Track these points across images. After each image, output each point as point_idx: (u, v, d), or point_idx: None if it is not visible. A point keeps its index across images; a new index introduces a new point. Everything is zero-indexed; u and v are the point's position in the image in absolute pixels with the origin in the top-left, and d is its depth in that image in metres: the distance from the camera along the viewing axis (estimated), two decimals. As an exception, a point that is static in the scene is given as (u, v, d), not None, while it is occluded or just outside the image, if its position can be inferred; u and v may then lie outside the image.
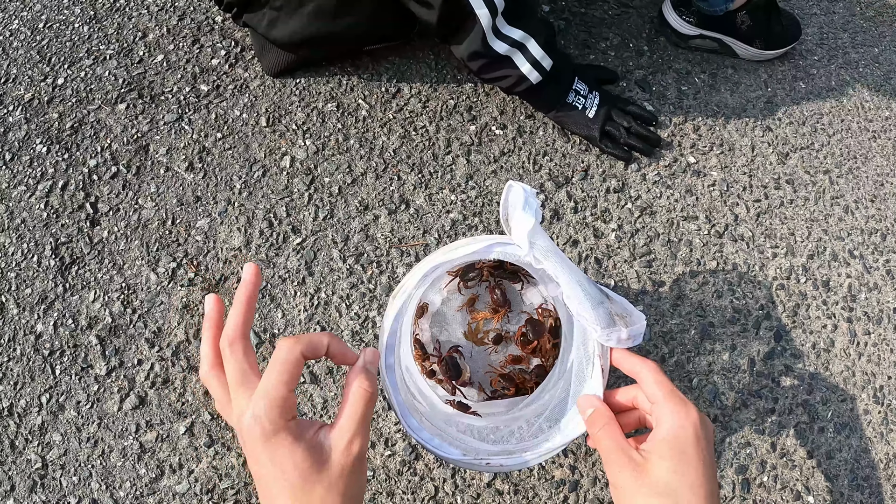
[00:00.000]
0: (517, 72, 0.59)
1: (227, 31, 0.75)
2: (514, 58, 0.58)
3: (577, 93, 0.64)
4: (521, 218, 0.32)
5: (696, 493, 0.30)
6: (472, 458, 0.35)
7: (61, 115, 0.71)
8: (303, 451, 0.27)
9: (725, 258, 0.63)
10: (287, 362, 0.28)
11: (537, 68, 0.59)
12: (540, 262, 0.33)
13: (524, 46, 0.58)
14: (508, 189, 0.35)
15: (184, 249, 0.61)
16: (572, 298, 0.32)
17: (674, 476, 0.30)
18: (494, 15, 0.54)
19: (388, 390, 0.34)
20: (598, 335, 0.33)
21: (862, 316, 0.62)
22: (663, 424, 0.31)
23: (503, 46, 0.57)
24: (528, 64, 0.59)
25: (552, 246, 0.33)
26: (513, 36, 0.57)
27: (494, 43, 0.57)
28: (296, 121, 0.68)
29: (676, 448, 0.31)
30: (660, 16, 0.77)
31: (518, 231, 0.32)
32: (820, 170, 0.71)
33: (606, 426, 0.33)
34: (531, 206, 0.33)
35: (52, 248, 0.63)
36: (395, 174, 0.65)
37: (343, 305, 0.58)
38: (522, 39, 0.58)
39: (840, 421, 0.57)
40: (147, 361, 0.57)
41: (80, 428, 0.54)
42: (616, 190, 0.66)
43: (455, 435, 0.38)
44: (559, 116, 0.65)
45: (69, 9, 0.80)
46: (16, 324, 0.59)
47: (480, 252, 0.34)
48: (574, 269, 0.33)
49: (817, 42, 0.82)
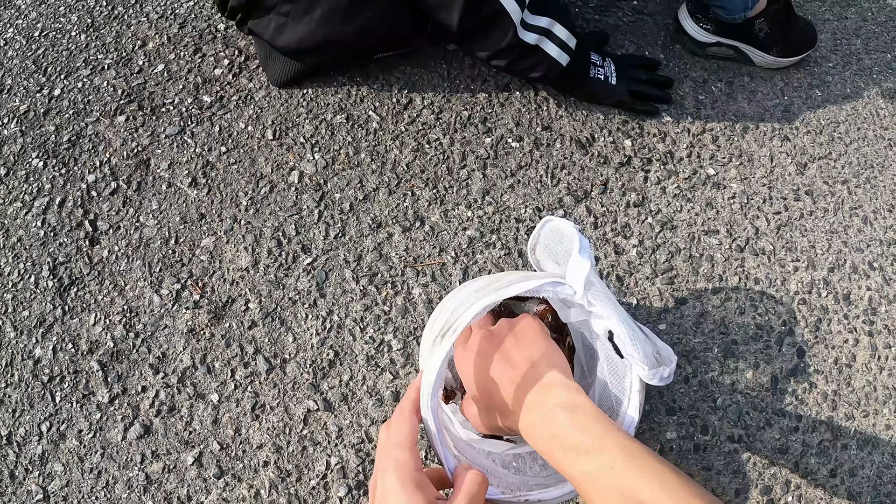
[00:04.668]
0: (548, 58, 0.59)
1: (231, 40, 0.73)
2: (542, 45, 0.58)
3: (595, 65, 0.66)
4: (577, 262, 0.31)
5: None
6: (510, 497, 0.34)
7: (58, 128, 0.68)
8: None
9: (747, 273, 0.62)
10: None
11: (565, 50, 0.59)
12: (592, 304, 0.32)
13: (550, 32, 0.58)
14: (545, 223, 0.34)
15: (188, 270, 0.59)
16: (624, 340, 0.31)
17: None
18: (523, 8, 0.54)
19: (431, 434, 0.32)
20: (644, 374, 0.32)
21: (882, 329, 0.61)
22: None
23: (533, 37, 0.57)
24: (557, 48, 0.59)
25: (603, 287, 0.33)
26: (540, 24, 0.57)
27: (525, 35, 0.56)
28: (303, 134, 0.66)
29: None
30: (675, 23, 0.75)
31: (575, 275, 0.31)
32: (838, 180, 0.70)
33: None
34: (586, 249, 0.32)
35: (49, 269, 0.60)
36: (409, 189, 0.63)
37: (357, 329, 0.56)
38: (549, 25, 0.58)
39: (862, 437, 0.56)
40: (152, 388, 0.55)
41: (82, 458, 0.52)
42: (636, 204, 0.64)
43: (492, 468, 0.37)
44: (588, 93, 0.67)
45: (66, 17, 0.77)
46: (13, 348, 0.57)
47: (533, 291, 0.33)
48: (621, 310, 0.32)
49: (831, 48, 0.81)
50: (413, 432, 0.33)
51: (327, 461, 0.51)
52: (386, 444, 0.32)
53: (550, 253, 0.37)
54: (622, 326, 0.31)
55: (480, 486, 0.31)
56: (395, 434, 0.33)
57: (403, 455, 0.31)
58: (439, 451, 0.33)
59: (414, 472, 0.30)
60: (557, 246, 0.36)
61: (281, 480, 0.51)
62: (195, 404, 0.54)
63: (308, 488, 0.50)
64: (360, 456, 0.51)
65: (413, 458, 0.31)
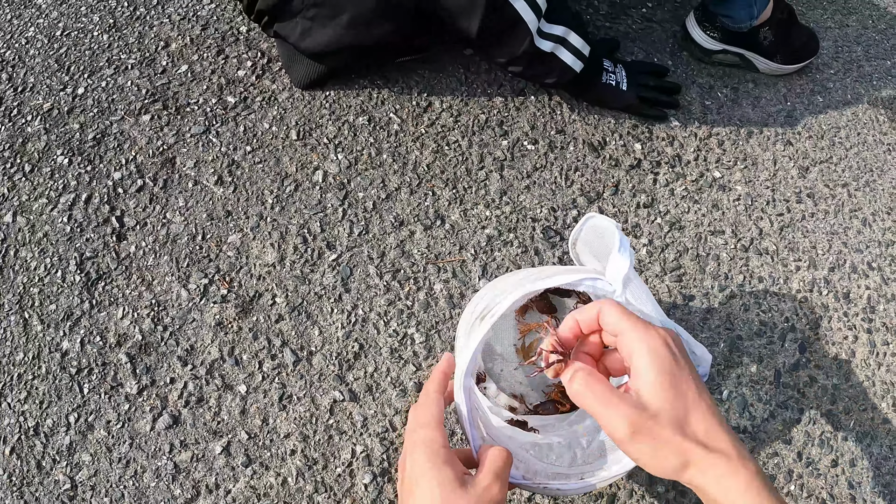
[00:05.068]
0: (562, 64, 0.61)
1: (253, 42, 0.74)
2: (557, 53, 0.60)
3: (607, 71, 0.68)
4: (617, 260, 0.33)
5: (699, 408, 0.29)
6: (531, 482, 0.36)
7: (83, 126, 0.70)
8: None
9: (751, 272, 0.65)
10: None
11: (579, 57, 0.62)
12: (630, 303, 0.34)
13: (566, 40, 0.60)
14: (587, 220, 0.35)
15: (215, 265, 0.61)
16: None
17: (674, 401, 0.29)
18: (539, 17, 0.56)
19: (461, 414, 0.34)
20: None
21: (881, 327, 0.64)
22: (637, 354, 0.29)
23: (548, 44, 0.59)
24: (572, 55, 0.61)
25: (643, 286, 0.34)
26: (555, 32, 0.59)
27: (541, 43, 0.59)
28: (327, 134, 0.68)
29: (663, 371, 0.29)
30: (683, 30, 0.78)
31: (615, 272, 0.33)
32: (839, 183, 0.72)
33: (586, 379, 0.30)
34: (626, 247, 0.34)
35: (76, 264, 0.62)
36: (430, 189, 0.65)
37: (381, 322, 0.58)
38: (564, 34, 0.60)
39: (861, 430, 0.59)
40: (180, 380, 0.56)
41: (110, 448, 0.53)
42: (646, 205, 0.67)
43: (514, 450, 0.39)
44: (599, 97, 0.69)
45: (87, 17, 0.79)
46: (40, 341, 0.58)
47: (573, 283, 0.34)
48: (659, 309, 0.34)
49: (833, 55, 0.84)
50: (439, 412, 0.34)
51: (353, 450, 0.53)
52: (414, 425, 0.34)
53: (591, 248, 0.38)
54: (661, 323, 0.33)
55: (505, 462, 0.33)
56: (421, 414, 0.34)
57: (431, 433, 0.33)
58: (467, 430, 0.35)
59: (441, 449, 0.32)
60: (597, 242, 0.38)
61: (308, 468, 0.52)
62: (223, 395, 0.55)
63: (334, 476, 0.52)
64: (385, 444, 0.53)
65: (440, 435, 0.33)
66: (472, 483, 0.31)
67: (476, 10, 0.54)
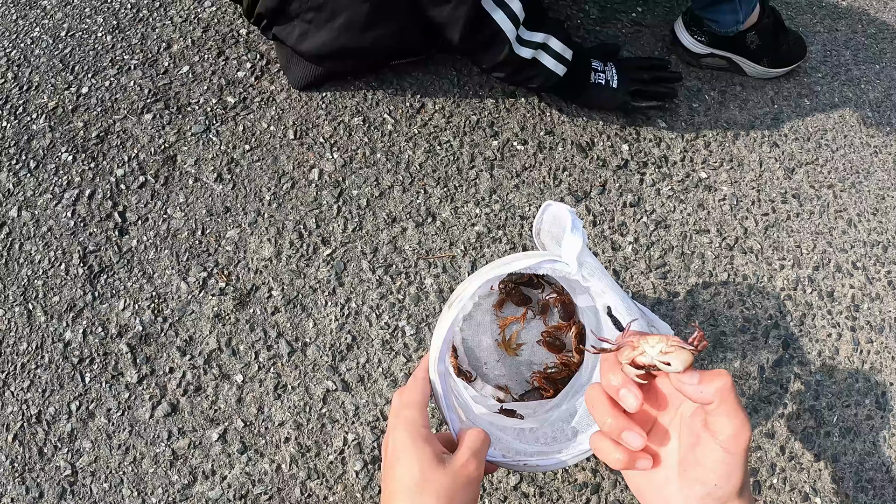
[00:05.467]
0: (545, 70, 0.62)
1: (252, 44, 0.77)
2: (539, 58, 0.62)
3: (596, 70, 0.68)
4: (570, 239, 0.35)
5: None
6: (510, 460, 0.38)
7: (86, 124, 0.72)
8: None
9: (736, 270, 0.66)
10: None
11: (561, 61, 0.63)
12: (587, 280, 0.35)
13: (546, 46, 0.62)
14: (546, 208, 0.37)
15: (214, 259, 0.63)
16: (620, 311, 0.35)
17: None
18: (517, 26, 0.57)
19: (438, 397, 0.36)
20: None
21: (865, 325, 0.65)
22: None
23: (528, 52, 0.61)
24: (553, 60, 0.62)
25: (598, 265, 0.36)
26: (535, 40, 0.61)
27: (520, 50, 0.60)
28: (323, 134, 0.70)
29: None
30: (672, 34, 0.80)
31: (568, 251, 0.35)
32: (824, 184, 0.74)
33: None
34: (578, 228, 0.35)
35: (80, 257, 0.63)
36: (422, 187, 0.67)
37: (373, 315, 0.60)
38: (544, 40, 0.61)
39: (845, 426, 0.60)
40: (179, 370, 0.58)
41: (110, 435, 0.55)
42: (632, 204, 0.68)
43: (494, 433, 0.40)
44: (588, 100, 0.69)
45: (91, 18, 0.81)
46: (43, 331, 0.60)
47: (532, 267, 0.36)
48: (616, 286, 0.36)
49: (821, 59, 0.86)
50: (424, 395, 0.36)
51: (345, 437, 0.55)
52: (398, 406, 0.36)
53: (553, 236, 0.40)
54: (617, 298, 0.35)
55: (483, 442, 0.34)
56: (406, 396, 0.36)
57: (414, 413, 0.34)
58: (445, 414, 0.36)
59: (423, 429, 0.34)
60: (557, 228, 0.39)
61: (301, 455, 0.54)
62: (220, 384, 0.57)
63: (326, 463, 0.54)
64: (376, 433, 0.55)
65: (422, 416, 0.34)
66: (451, 461, 0.33)
67: (458, 20, 0.56)
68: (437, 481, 0.31)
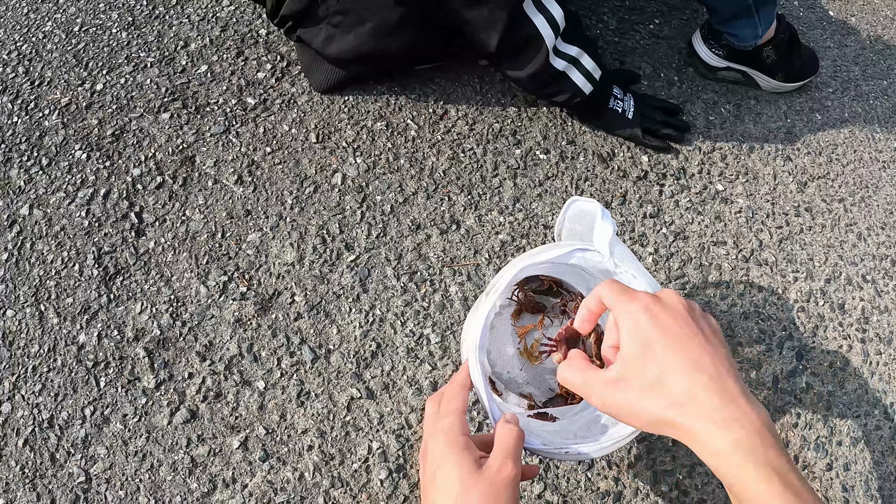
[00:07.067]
0: (573, 86, 0.63)
1: (272, 45, 0.76)
2: (569, 73, 0.62)
3: (616, 97, 0.69)
4: (601, 227, 0.35)
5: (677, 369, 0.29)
6: (551, 448, 0.38)
7: (101, 122, 0.70)
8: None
9: (751, 281, 0.67)
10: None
11: (590, 80, 0.63)
12: (618, 266, 0.36)
13: (578, 61, 0.62)
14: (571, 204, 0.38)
15: (235, 263, 0.62)
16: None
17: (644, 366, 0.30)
18: (557, 35, 0.57)
19: (477, 382, 0.36)
20: None
21: (874, 337, 0.67)
22: (620, 325, 0.31)
23: (562, 63, 0.61)
24: (582, 77, 0.62)
25: (628, 252, 0.36)
26: (570, 53, 0.61)
27: (555, 61, 0.60)
28: (346, 138, 0.70)
29: (639, 340, 0.30)
30: (689, 47, 0.81)
31: (600, 239, 0.35)
32: (835, 198, 0.75)
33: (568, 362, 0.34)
34: (607, 216, 0.36)
35: (94, 258, 0.62)
36: (446, 195, 0.67)
37: (398, 323, 0.60)
38: (577, 55, 0.61)
39: (855, 436, 0.61)
40: (198, 375, 0.57)
41: (126, 441, 0.53)
42: (652, 215, 0.69)
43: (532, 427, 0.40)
44: (604, 123, 0.70)
45: (105, 13, 0.80)
46: (56, 333, 0.59)
47: (563, 256, 0.36)
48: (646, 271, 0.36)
49: (831, 74, 0.87)
50: (463, 403, 0.36)
51: (369, 446, 0.54)
52: (436, 414, 0.36)
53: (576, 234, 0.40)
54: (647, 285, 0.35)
55: (516, 440, 0.34)
56: (445, 404, 0.36)
57: (453, 421, 0.35)
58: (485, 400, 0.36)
59: (461, 437, 0.34)
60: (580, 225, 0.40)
61: (324, 463, 0.54)
62: (241, 391, 0.56)
63: (350, 471, 0.53)
64: (401, 441, 0.55)
65: (461, 424, 0.35)
66: (486, 466, 0.33)
67: (497, 24, 0.55)
68: (476, 489, 0.32)
